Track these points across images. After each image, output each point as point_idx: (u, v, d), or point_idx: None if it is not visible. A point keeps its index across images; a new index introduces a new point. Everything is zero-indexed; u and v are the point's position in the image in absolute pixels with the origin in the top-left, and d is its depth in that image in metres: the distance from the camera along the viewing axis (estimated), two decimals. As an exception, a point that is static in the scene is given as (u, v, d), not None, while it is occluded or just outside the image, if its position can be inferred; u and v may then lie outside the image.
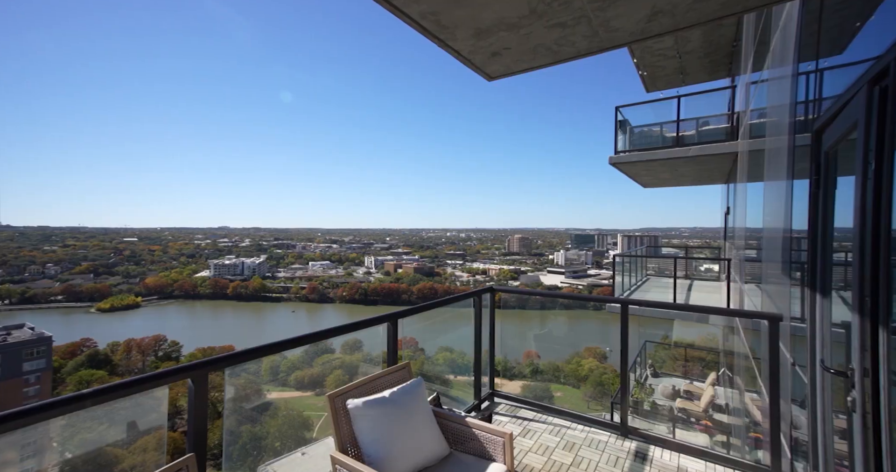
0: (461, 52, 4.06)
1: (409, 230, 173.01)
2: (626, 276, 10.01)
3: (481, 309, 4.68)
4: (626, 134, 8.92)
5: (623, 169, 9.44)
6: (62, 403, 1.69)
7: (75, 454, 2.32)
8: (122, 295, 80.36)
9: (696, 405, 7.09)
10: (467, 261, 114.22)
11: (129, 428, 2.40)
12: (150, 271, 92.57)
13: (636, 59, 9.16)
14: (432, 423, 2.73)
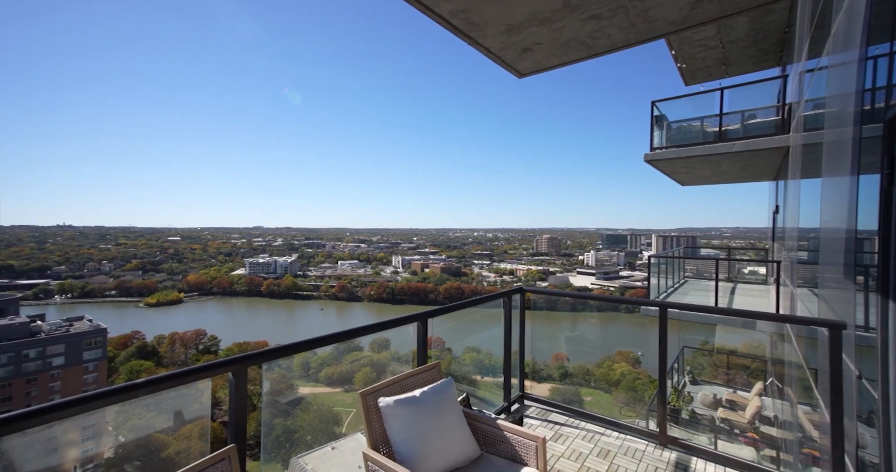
0: (491, 50, 4.03)
1: (436, 230, 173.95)
2: (662, 278, 9.56)
3: (511, 310, 4.61)
4: (663, 130, 8.51)
5: (659, 166, 9.03)
6: (119, 391, 1.79)
7: (127, 438, 2.47)
8: (167, 291, 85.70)
9: (741, 416, 6.66)
10: (494, 261, 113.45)
11: (173, 417, 2.53)
12: (192, 268, 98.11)
13: (674, 51, 8.74)
14: (463, 424, 2.70)
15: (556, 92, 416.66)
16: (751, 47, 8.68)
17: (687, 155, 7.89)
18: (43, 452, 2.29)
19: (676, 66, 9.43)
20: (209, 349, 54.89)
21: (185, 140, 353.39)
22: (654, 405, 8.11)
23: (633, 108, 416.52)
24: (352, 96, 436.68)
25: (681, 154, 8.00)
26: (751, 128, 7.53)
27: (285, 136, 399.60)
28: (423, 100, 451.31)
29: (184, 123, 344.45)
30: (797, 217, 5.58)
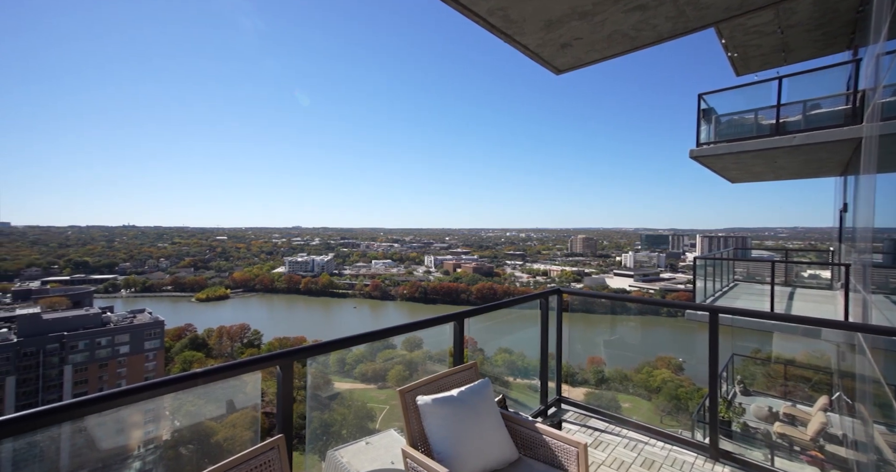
0: (528, 47, 3.96)
1: (468, 230, 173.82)
2: (709, 281, 8.98)
3: (548, 311, 4.51)
4: (711, 124, 7.97)
5: (707, 163, 8.48)
6: (181, 379, 1.94)
7: (182, 423, 2.66)
8: (216, 287, 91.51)
9: (802, 432, 6.12)
10: (527, 261, 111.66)
11: (223, 406, 2.71)
12: (237, 266, 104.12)
13: (724, 40, 8.17)
14: (500, 425, 2.68)
15: (593, 87, 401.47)
16: (815, 31, 7.94)
17: (739, 150, 7.35)
18: (114, 431, 2.52)
19: (727, 55, 8.82)
20: (252, 343, 58.06)
21: (231, 144, 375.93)
22: (701, 415, 7.63)
23: (675, 102, 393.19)
24: (387, 97, 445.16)
25: (731, 149, 7.47)
26: (814, 119, 6.87)
27: (321, 136, 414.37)
28: (456, 100, 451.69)
29: (228, 129, 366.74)
30: (871, 216, 5.04)
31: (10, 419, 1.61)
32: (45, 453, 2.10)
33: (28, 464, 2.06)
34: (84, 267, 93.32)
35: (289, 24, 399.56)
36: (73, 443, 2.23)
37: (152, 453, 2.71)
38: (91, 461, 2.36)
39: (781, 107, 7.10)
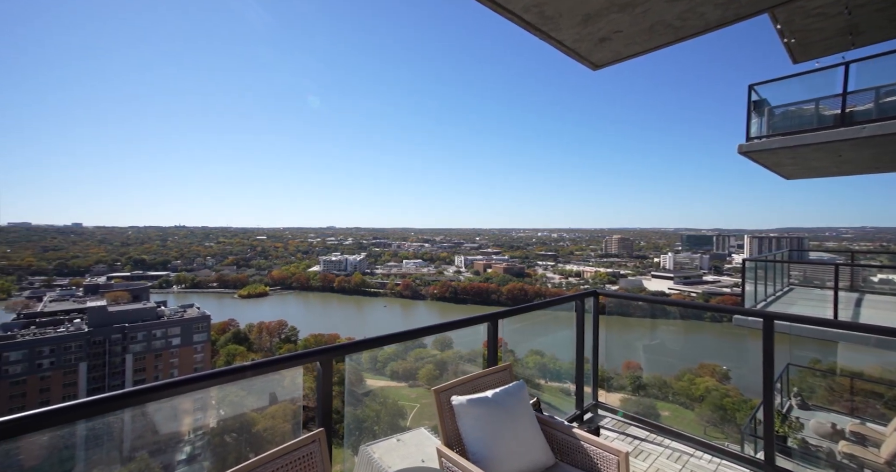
0: (564, 43, 3.86)
1: (499, 230, 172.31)
2: (759, 284, 8.36)
3: (583, 314, 4.39)
4: (764, 116, 7.40)
5: (758, 158, 7.90)
6: (231, 372, 2.05)
7: (226, 412, 2.81)
8: (256, 285, 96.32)
9: (875, 453, 5.54)
10: (559, 262, 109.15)
11: (260, 397, 2.86)
12: (275, 265, 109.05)
13: (780, 25, 7.55)
14: (536, 429, 2.63)
15: (630, 82, 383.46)
16: (890, 9, 7.15)
17: (796, 144, 6.78)
18: (169, 417, 2.71)
19: (783, 41, 8.14)
20: (289, 339, 60.60)
21: (270, 146, 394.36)
22: (752, 428, 7.11)
23: (719, 94, 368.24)
24: (418, 97, 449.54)
25: (787, 143, 6.90)
26: (889, 107, 6.20)
27: (354, 136, 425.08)
28: (486, 100, 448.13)
29: (266, 131, 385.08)
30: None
31: (84, 403, 1.77)
32: (112, 433, 2.30)
33: (98, 443, 2.26)
34: (142, 264, 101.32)
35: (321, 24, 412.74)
36: (134, 426, 2.43)
37: (201, 439, 2.89)
38: (149, 443, 2.55)
39: (848, 95, 6.47)
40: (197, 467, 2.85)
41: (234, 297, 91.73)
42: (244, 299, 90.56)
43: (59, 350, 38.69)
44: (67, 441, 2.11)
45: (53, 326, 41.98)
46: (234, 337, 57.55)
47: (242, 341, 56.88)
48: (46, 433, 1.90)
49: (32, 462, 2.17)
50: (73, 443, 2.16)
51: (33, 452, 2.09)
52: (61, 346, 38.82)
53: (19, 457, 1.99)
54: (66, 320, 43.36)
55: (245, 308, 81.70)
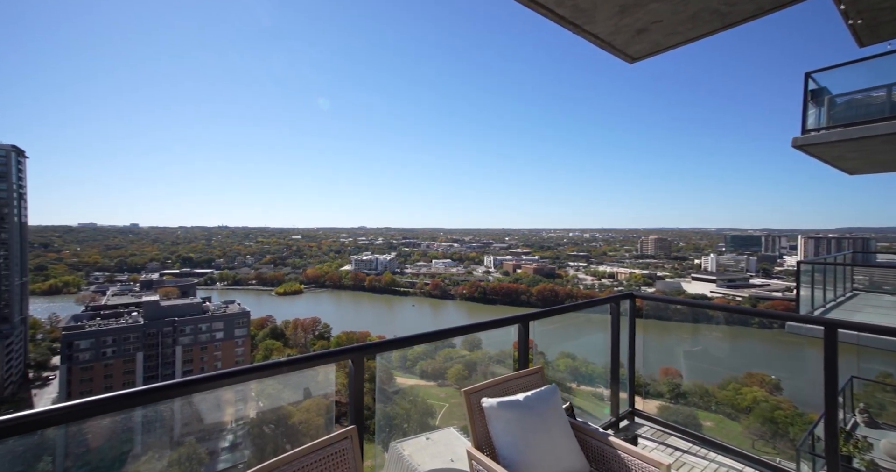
0: (599, 36, 3.73)
1: (529, 230, 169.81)
2: (817, 289, 7.69)
3: (619, 317, 4.22)
4: (823, 106, 6.76)
5: (816, 152, 7.25)
6: (269, 367, 2.14)
7: (264, 404, 2.93)
8: (291, 283, 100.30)
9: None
10: (592, 263, 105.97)
11: (296, 392, 2.96)
12: (309, 263, 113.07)
13: (844, 6, 6.90)
14: (570, 435, 2.55)
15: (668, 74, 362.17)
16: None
17: (862, 135, 6.15)
18: (214, 406, 2.86)
19: (847, 23, 7.42)
20: (323, 336, 62.63)
21: (307, 149, 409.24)
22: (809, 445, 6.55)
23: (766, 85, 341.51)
24: (446, 96, 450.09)
25: (851, 135, 6.28)
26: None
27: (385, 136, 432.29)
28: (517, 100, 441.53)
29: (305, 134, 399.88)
30: None
31: (142, 390, 1.90)
32: (164, 420, 2.46)
33: (152, 428, 2.42)
34: (189, 262, 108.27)
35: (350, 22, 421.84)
36: (183, 414, 2.58)
37: (242, 428, 3.04)
38: (196, 430, 2.71)
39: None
40: (238, 455, 2.99)
41: (271, 294, 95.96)
42: (280, 296, 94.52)
43: (120, 340, 42.14)
44: (126, 425, 2.29)
45: (115, 318, 45.76)
46: (272, 333, 60.25)
47: (279, 337, 59.45)
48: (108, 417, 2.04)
49: (97, 443, 2.37)
50: (131, 427, 2.34)
51: (98, 433, 2.27)
52: (122, 336, 42.25)
53: (87, 436, 2.17)
54: (125, 313, 47.15)
55: (281, 305, 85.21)
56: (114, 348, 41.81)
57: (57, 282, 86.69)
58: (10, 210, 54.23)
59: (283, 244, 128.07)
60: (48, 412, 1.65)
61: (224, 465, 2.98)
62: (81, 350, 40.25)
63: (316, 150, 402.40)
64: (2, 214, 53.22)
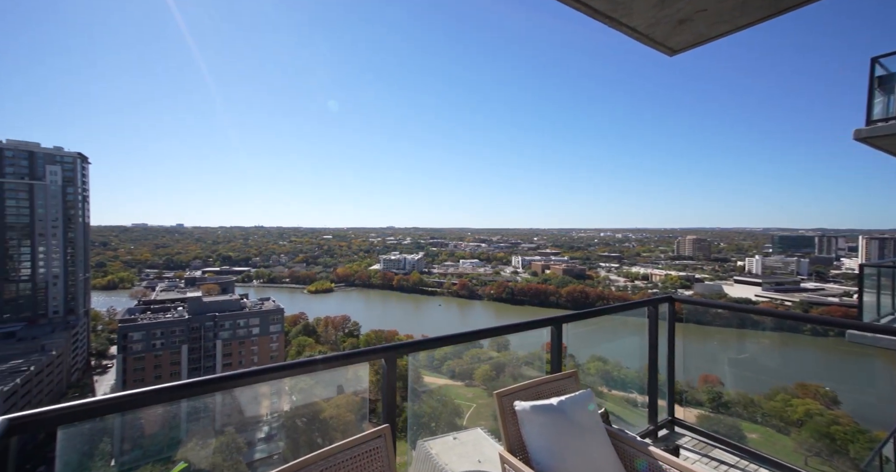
0: (637, 29, 3.55)
1: (558, 230, 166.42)
2: (885, 295, 7.01)
3: (657, 321, 4.04)
4: (894, 94, 6.15)
5: (884, 144, 6.58)
6: (306, 363, 2.20)
7: (297, 399, 3.03)
8: (323, 281, 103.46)
9: None
10: (624, 264, 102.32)
11: (327, 388, 3.04)
12: (340, 263, 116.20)
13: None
14: (606, 443, 2.46)
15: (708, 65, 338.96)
16: None
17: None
18: (252, 399, 2.99)
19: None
20: (352, 333, 64.18)
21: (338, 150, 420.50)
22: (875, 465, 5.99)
23: (819, 75, 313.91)
24: (475, 95, 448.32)
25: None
26: None
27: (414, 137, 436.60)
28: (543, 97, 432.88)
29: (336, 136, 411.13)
30: None
31: (186, 384, 2.00)
32: (208, 410, 2.59)
33: (196, 417, 2.55)
34: (228, 260, 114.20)
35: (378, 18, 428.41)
36: (223, 405, 2.71)
37: (276, 421, 3.16)
38: (235, 421, 2.85)
39: None
40: (273, 445, 3.12)
41: (303, 292, 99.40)
42: (312, 294, 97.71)
43: (168, 333, 45.09)
44: (174, 413, 2.43)
45: (163, 312, 49.02)
46: (304, 329, 62.41)
47: (311, 334, 61.48)
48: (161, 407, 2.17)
49: (148, 428, 2.54)
50: (178, 415, 2.49)
51: (149, 419, 2.43)
52: (169, 329, 45.21)
53: (140, 422, 2.33)
54: (172, 308, 50.39)
55: (313, 303, 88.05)
56: (162, 340, 44.80)
57: (114, 278, 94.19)
58: (76, 212, 59.41)
59: (315, 244, 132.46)
60: (115, 399, 1.79)
61: (260, 455, 3.12)
62: (135, 341, 43.44)
63: (347, 151, 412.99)
64: (69, 215, 58.43)
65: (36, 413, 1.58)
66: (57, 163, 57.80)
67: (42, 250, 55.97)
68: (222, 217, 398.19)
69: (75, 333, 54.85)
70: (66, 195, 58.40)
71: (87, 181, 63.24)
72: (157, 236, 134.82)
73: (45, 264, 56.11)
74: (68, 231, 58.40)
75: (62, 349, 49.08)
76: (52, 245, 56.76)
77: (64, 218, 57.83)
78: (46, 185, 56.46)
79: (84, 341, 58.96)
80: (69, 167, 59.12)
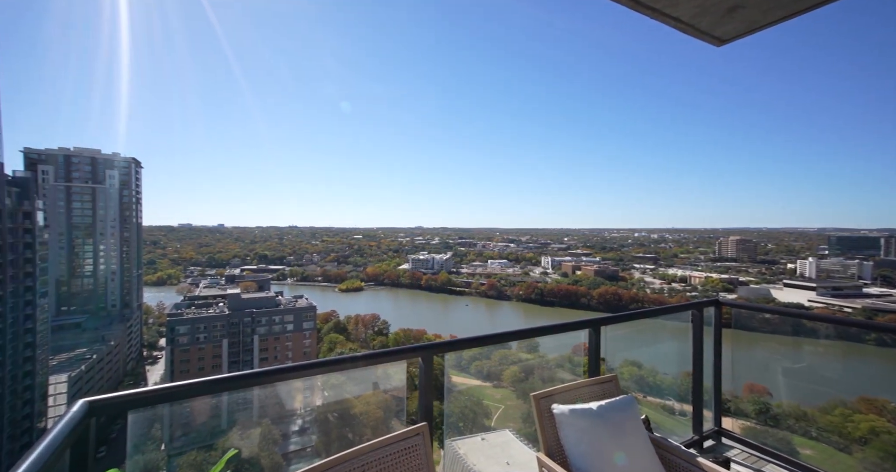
0: (682, 19, 3.38)
1: (590, 230, 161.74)
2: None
3: (702, 325, 3.84)
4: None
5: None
6: (346, 360, 2.26)
7: (330, 395, 3.11)
8: (353, 280, 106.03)
9: None
10: (660, 265, 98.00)
11: (357, 384, 3.10)
12: (369, 262, 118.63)
13: None
14: (650, 451, 2.37)
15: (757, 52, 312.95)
16: None
17: None
18: (286, 393, 3.10)
19: None
20: (381, 332, 65.33)
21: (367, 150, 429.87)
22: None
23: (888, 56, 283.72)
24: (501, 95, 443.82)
25: None
26: None
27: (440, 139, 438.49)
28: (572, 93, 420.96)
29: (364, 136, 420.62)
30: None
31: (228, 377, 2.10)
32: (247, 402, 2.72)
33: (237, 408, 2.68)
34: (264, 259, 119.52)
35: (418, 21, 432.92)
36: (261, 398, 2.84)
37: (310, 415, 3.26)
38: (271, 414, 2.97)
39: None
40: (306, 439, 3.22)
41: (335, 290, 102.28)
42: (343, 292, 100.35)
43: (210, 327, 47.83)
44: (216, 403, 2.57)
45: (206, 307, 52.05)
46: (335, 327, 64.23)
47: (342, 331, 63.18)
48: (209, 397, 2.30)
49: (194, 417, 2.70)
50: (220, 405, 2.62)
51: (196, 408, 2.58)
52: (211, 324, 47.93)
53: (186, 410, 2.48)
54: (213, 304, 53.39)
55: (344, 301, 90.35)
56: (205, 334, 47.54)
57: (163, 274, 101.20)
58: (131, 213, 64.32)
59: (346, 243, 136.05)
60: (177, 388, 1.92)
61: (294, 447, 3.23)
62: (181, 334, 46.38)
63: (377, 153, 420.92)
64: (124, 216, 63.35)
65: (111, 397, 1.71)
66: (114, 167, 62.80)
67: (102, 248, 61.02)
68: (259, 217, 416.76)
69: (130, 325, 59.39)
70: (122, 197, 63.31)
71: (140, 184, 68.23)
72: (201, 235, 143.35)
73: (104, 261, 61.14)
74: (124, 231, 63.31)
75: (119, 340, 53.30)
76: (111, 244, 61.76)
77: (120, 219, 62.78)
78: (106, 188, 61.48)
79: (137, 332, 63.74)
80: (125, 171, 64.07)
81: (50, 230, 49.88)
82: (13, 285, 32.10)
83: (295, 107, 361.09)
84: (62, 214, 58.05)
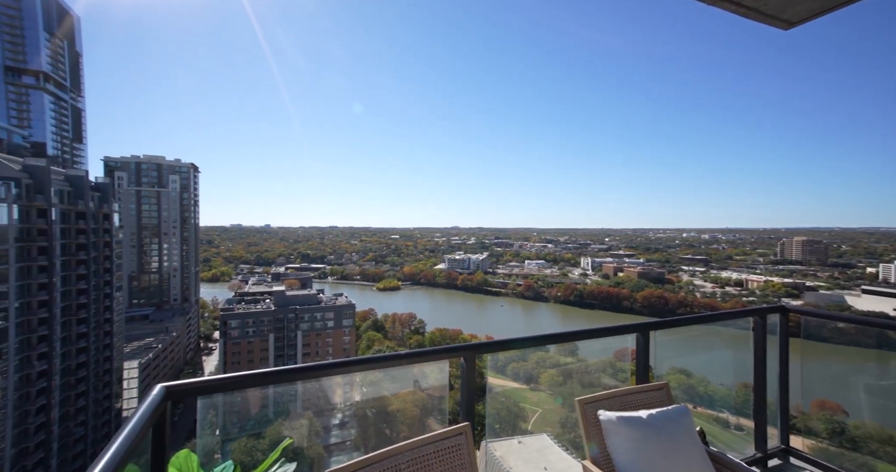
0: (743, 3, 3.14)
1: (633, 231, 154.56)
2: None
3: (765, 334, 3.52)
4: None
5: None
6: (393, 357, 2.31)
7: (367, 391, 3.18)
8: (390, 279, 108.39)
9: None
10: (711, 268, 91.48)
11: (394, 382, 3.15)
12: (406, 261, 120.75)
13: None
14: (707, 466, 2.20)
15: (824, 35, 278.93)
16: None
17: None
18: (328, 388, 3.21)
19: None
20: (417, 330, 66.22)
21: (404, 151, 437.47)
22: None
23: None
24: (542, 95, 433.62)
25: None
26: None
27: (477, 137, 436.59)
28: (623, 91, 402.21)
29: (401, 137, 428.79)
30: None
31: (281, 370, 2.20)
32: (293, 394, 2.85)
33: (283, 400, 2.82)
34: (307, 258, 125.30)
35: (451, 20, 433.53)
36: (305, 391, 2.97)
37: (349, 409, 3.36)
38: (314, 406, 3.09)
39: None
40: (346, 432, 3.32)
41: (372, 289, 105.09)
42: (381, 291, 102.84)
43: (258, 322, 50.89)
44: (265, 394, 2.71)
45: (254, 303, 55.42)
46: (373, 325, 65.93)
47: (379, 329, 64.75)
48: (261, 389, 2.43)
49: (245, 406, 2.87)
50: (268, 396, 2.77)
51: (247, 398, 2.74)
52: (259, 319, 50.98)
53: (238, 399, 2.64)
54: (261, 300, 56.72)
55: (381, 299, 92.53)
56: (253, 328, 50.65)
57: (216, 272, 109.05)
58: (190, 214, 70.01)
59: (383, 243, 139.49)
60: (242, 377, 2.06)
61: (335, 440, 3.34)
62: (233, 328, 49.73)
63: (414, 153, 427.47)
64: (184, 217, 69.05)
65: (185, 383, 1.86)
66: (176, 172, 68.60)
67: (166, 246, 66.92)
68: (302, 218, 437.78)
69: (189, 318, 64.57)
70: (182, 200, 69.01)
71: (198, 187, 73.98)
72: (250, 235, 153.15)
73: (167, 259, 67.00)
74: (183, 231, 68.98)
75: (180, 331, 58.13)
76: (173, 243, 67.55)
77: (181, 220, 68.48)
78: (169, 191, 67.32)
79: (195, 325, 69.18)
80: (185, 176, 69.79)
81: (123, 230, 55.42)
82: (95, 280, 36.07)
83: (338, 111, 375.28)
84: (133, 216, 64.38)
